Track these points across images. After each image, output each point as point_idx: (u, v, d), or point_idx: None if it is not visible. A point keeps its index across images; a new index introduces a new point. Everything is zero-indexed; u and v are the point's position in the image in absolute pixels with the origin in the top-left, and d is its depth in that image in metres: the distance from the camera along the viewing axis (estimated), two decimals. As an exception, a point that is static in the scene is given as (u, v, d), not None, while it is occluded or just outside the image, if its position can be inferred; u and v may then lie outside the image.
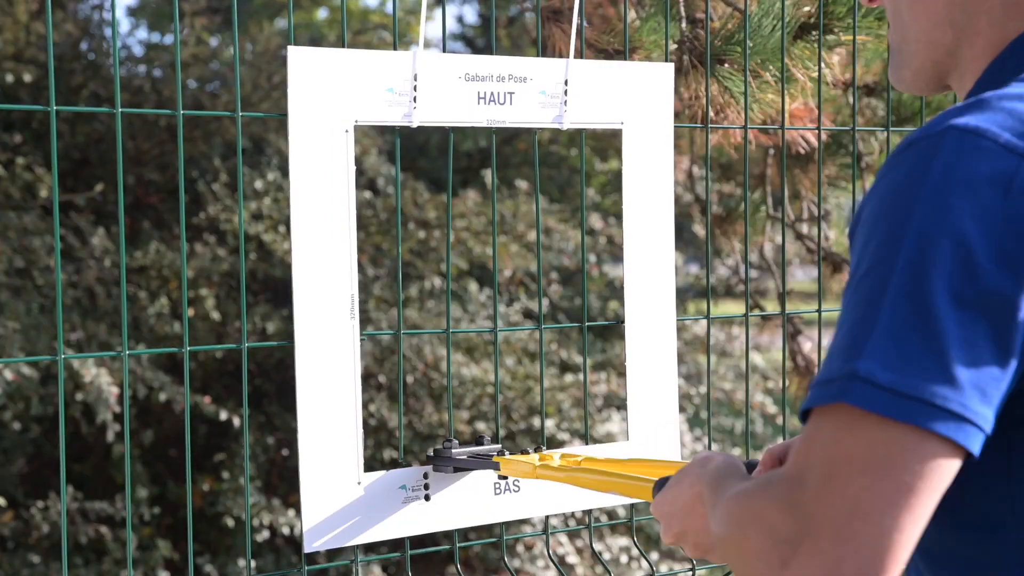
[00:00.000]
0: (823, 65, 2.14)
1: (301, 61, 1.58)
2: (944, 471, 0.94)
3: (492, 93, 1.72)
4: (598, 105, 1.80)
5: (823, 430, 0.95)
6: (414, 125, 1.69)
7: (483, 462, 1.73)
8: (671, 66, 1.87)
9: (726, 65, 2.00)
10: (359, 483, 1.67)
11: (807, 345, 3.37)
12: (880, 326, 0.94)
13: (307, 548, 1.63)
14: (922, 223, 0.95)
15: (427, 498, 1.73)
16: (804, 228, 3.21)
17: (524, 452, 1.73)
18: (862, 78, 2.79)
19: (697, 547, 1.23)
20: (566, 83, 1.77)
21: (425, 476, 1.73)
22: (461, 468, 1.75)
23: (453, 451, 1.75)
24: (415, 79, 1.66)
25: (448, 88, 1.69)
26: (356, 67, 1.62)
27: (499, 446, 1.78)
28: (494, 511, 1.78)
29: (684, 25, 2.06)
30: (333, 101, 1.61)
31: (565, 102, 1.77)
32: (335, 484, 1.64)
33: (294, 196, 1.58)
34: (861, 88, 2.79)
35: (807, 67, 2.11)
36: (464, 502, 1.75)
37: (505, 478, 1.77)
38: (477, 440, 1.80)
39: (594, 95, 1.78)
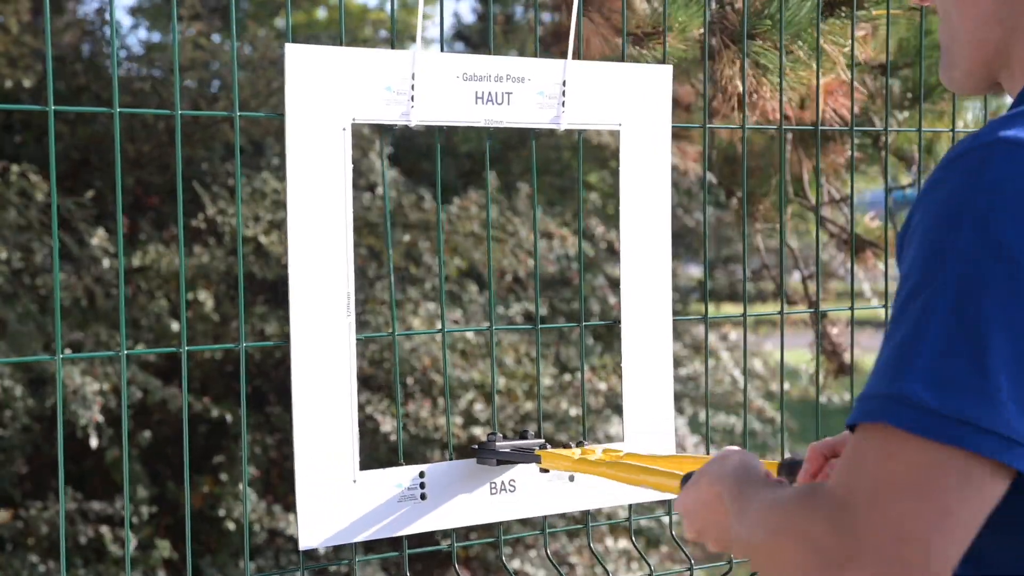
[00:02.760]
0: (852, 42, 2.12)
1: (299, 59, 1.57)
2: (989, 491, 0.94)
3: (490, 93, 1.71)
4: (596, 106, 1.79)
5: (868, 450, 0.96)
6: (412, 124, 1.68)
7: (526, 455, 1.74)
8: (670, 68, 1.86)
9: (758, 40, 1.99)
10: (355, 481, 1.66)
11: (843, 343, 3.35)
12: (926, 345, 0.94)
13: (303, 546, 1.63)
14: (970, 240, 0.94)
15: (423, 497, 1.72)
16: (826, 212, 3.19)
17: (566, 446, 1.74)
18: (877, 58, 2.76)
19: (718, 543, 1.24)
20: (564, 84, 1.76)
21: (421, 475, 1.73)
22: (505, 461, 1.76)
23: (497, 444, 1.76)
24: (413, 78, 1.65)
25: (446, 87, 1.68)
26: (354, 65, 1.61)
27: (541, 440, 1.79)
28: (490, 511, 1.77)
29: (713, 7, 2.05)
30: (331, 99, 1.60)
31: (563, 103, 1.76)
32: (331, 482, 1.64)
33: (291, 193, 1.57)
34: (878, 68, 2.77)
35: (836, 44, 2.09)
36: (460, 501, 1.75)
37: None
38: (520, 434, 1.81)
39: (592, 96, 1.78)
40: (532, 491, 1.80)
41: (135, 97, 5.81)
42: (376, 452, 5.23)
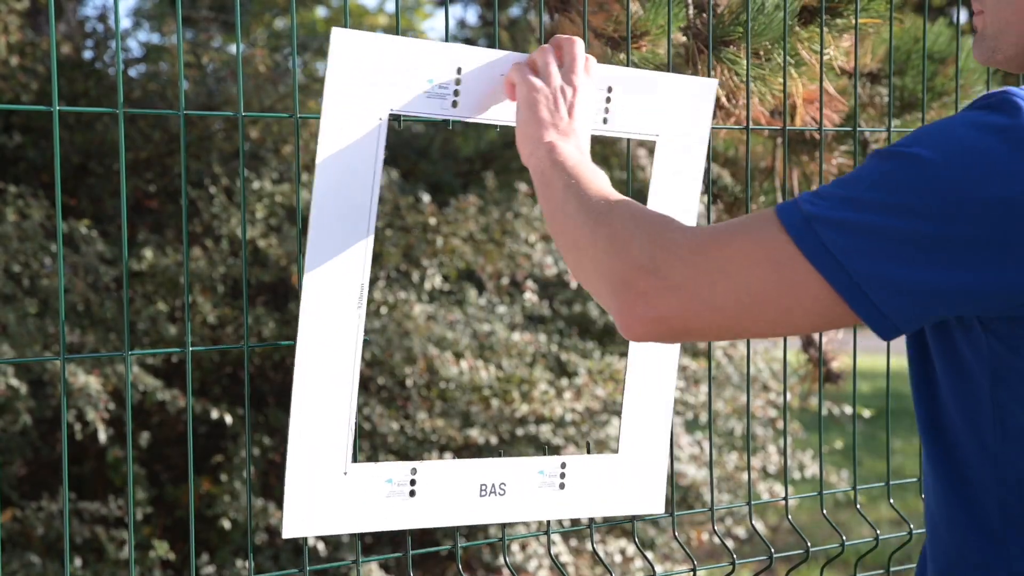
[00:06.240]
0: (830, 51, 2.12)
1: (344, 44, 1.51)
2: (808, 302, 1.14)
3: None
4: (638, 114, 1.73)
5: (747, 223, 1.18)
6: (452, 119, 1.62)
7: None
8: (715, 81, 1.82)
9: (732, 47, 1.98)
10: (346, 473, 1.64)
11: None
12: (847, 189, 1.14)
13: (285, 534, 1.61)
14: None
15: (412, 494, 1.70)
16: None
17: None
18: (867, 66, 2.77)
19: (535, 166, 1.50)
20: (609, 90, 1.70)
21: (413, 471, 1.70)
22: None
23: None
24: (459, 72, 1.59)
25: (492, 85, 1.61)
26: (398, 54, 1.55)
27: None
28: (477, 513, 1.75)
29: (691, 11, 2.04)
30: (370, 88, 1.54)
31: (607, 108, 1.71)
32: (322, 472, 1.61)
33: (319, 179, 1.52)
34: (866, 76, 2.77)
35: (816, 52, 2.08)
36: (448, 501, 1.73)
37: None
38: None
39: (635, 104, 1.72)
40: (522, 496, 1.78)
41: (134, 104, 5.82)
42: (373, 455, 5.23)
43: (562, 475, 1.81)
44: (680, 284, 1.17)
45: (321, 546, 4.91)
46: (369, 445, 5.20)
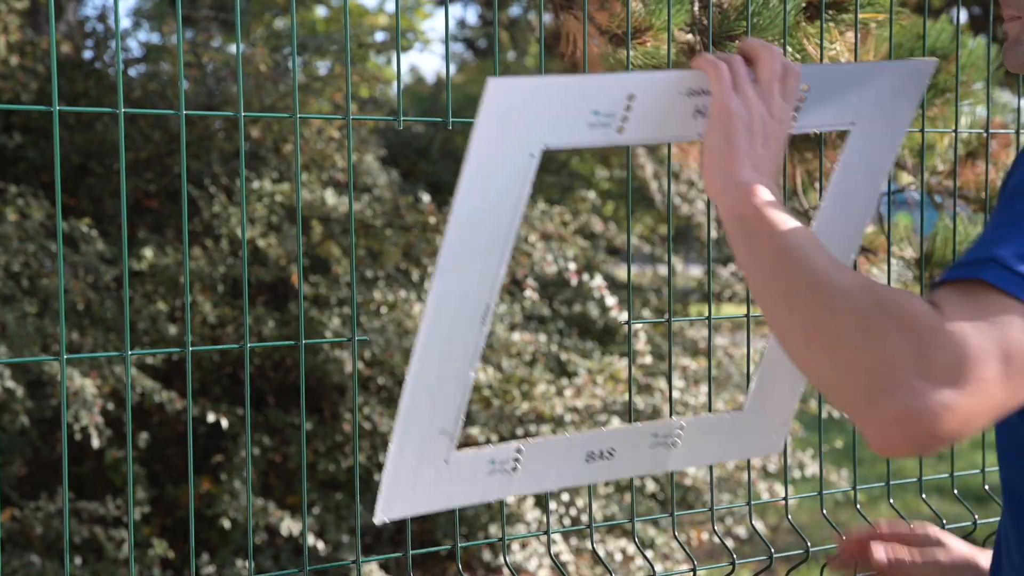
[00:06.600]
0: (837, 46, 2.10)
1: (498, 92, 1.45)
2: None
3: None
4: (833, 108, 1.63)
5: (957, 295, 1.06)
6: (618, 145, 1.54)
7: None
8: (934, 61, 1.68)
9: (736, 42, 1.96)
10: (447, 461, 1.64)
11: None
12: (1016, 225, 1.07)
13: (378, 519, 1.61)
14: None
15: (514, 469, 1.69)
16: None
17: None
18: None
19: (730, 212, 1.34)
20: (805, 89, 1.59)
21: (518, 451, 1.69)
22: None
23: None
24: (629, 99, 1.51)
25: (664, 107, 1.54)
26: (560, 93, 1.49)
27: None
28: (583, 475, 1.73)
29: (696, 7, 2.02)
30: (525, 128, 1.48)
31: (798, 107, 1.60)
32: (424, 463, 1.61)
33: (459, 202, 1.47)
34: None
35: (820, 46, 2.07)
36: (552, 469, 1.71)
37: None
38: None
39: (832, 99, 1.62)
40: (632, 457, 1.76)
41: (134, 104, 5.82)
42: (373, 455, 5.23)
43: (678, 436, 1.79)
44: (950, 380, 1.02)
45: (321, 546, 4.92)
46: (369, 445, 5.20)
